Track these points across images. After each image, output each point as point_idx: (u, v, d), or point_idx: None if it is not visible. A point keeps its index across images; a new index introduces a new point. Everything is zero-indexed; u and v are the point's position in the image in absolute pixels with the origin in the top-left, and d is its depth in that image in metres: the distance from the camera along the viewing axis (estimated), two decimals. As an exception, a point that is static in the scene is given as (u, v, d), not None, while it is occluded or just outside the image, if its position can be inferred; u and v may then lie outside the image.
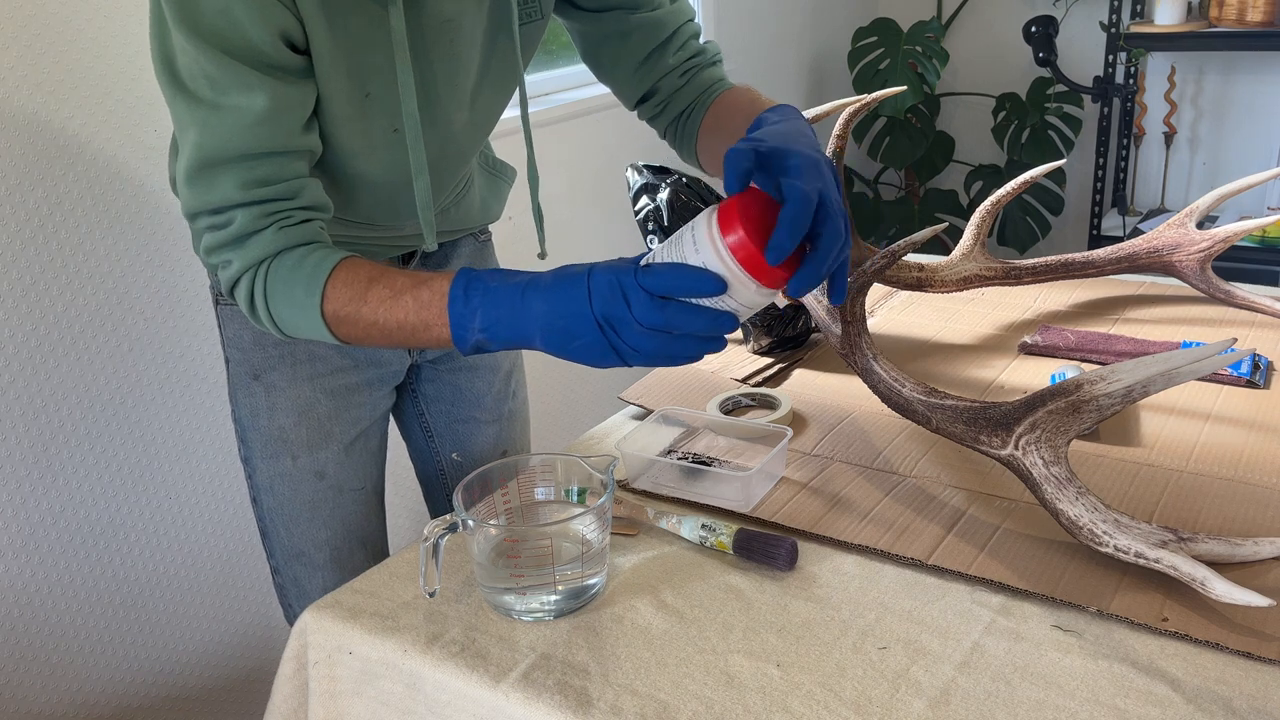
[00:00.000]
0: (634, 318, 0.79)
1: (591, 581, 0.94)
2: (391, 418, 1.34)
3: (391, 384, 1.26)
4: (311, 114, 0.95)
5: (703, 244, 0.78)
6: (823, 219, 0.78)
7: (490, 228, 1.35)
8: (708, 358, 1.45)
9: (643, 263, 0.81)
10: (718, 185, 1.40)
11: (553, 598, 0.92)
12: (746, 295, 0.79)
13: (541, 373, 2.39)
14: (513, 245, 1.95)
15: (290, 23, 0.89)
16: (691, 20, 1.17)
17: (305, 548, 1.22)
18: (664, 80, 1.15)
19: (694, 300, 0.79)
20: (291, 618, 1.26)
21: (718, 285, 0.78)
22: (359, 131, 1.01)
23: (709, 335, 0.81)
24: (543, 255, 1.24)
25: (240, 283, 0.95)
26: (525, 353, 2.31)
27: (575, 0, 1.11)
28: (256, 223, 0.93)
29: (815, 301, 1.25)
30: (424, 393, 1.32)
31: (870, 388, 1.10)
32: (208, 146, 0.90)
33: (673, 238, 0.82)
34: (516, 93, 1.12)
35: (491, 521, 0.98)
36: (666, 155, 2.81)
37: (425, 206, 1.03)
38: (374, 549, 1.27)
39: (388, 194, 1.09)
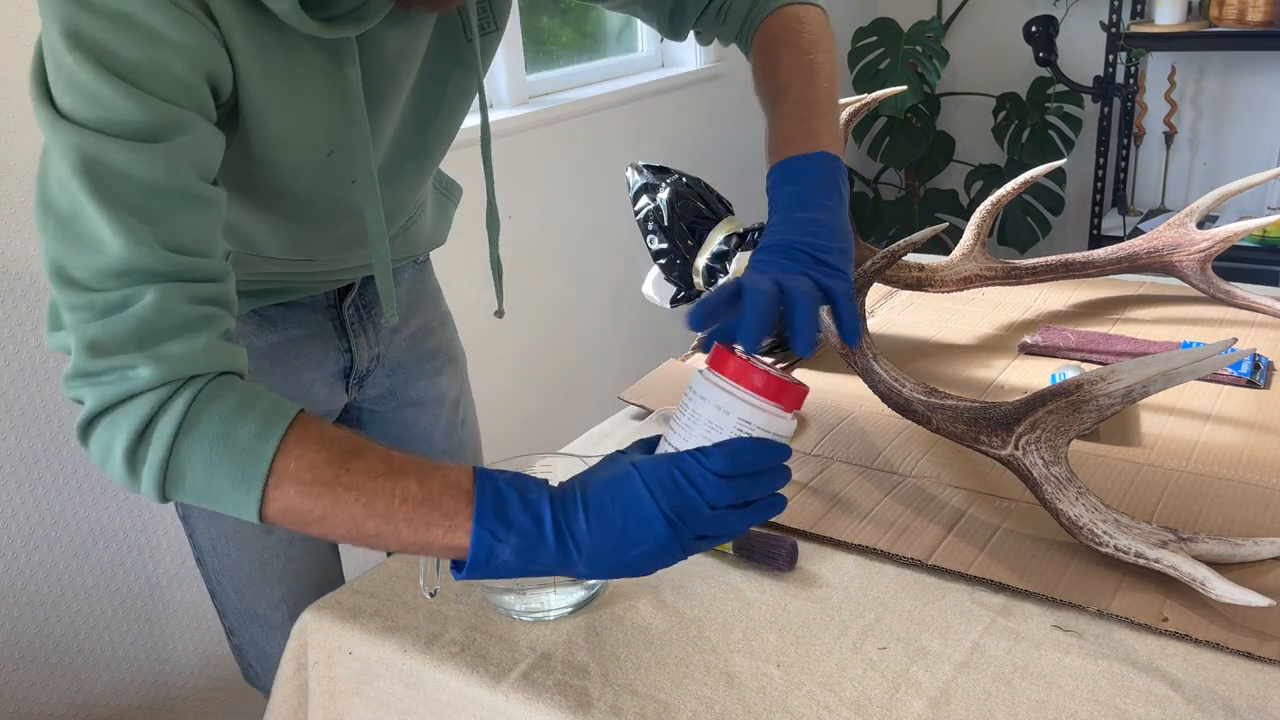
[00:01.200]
0: (706, 502, 0.71)
1: (592, 582, 0.94)
2: None
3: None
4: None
5: (729, 405, 0.75)
6: (788, 301, 0.77)
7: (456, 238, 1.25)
8: (703, 357, 1.45)
9: (663, 449, 0.76)
10: (718, 180, 1.40)
11: (552, 598, 0.92)
12: (787, 427, 0.77)
13: (540, 372, 2.39)
14: (510, 247, 1.95)
15: (221, 67, 0.75)
16: None
17: (260, 609, 1.12)
18: (701, 22, 1.08)
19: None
20: (253, 677, 1.18)
21: (782, 449, 0.74)
22: (311, 182, 0.90)
23: (774, 495, 0.75)
24: (500, 314, 1.13)
25: (139, 401, 0.70)
26: (514, 351, 2.31)
27: None
28: (178, 309, 0.71)
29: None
30: (366, 434, 1.18)
31: (870, 388, 1.10)
32: (103, 175, 0.69)
33: (682, 420, 0.77)
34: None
35: None
36: (666, 155, 2.81)
37: (384, 273, 0.93)
38: None
39: (337, 234, 1.00)
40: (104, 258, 0.70)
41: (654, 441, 0.79)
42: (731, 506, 0.72)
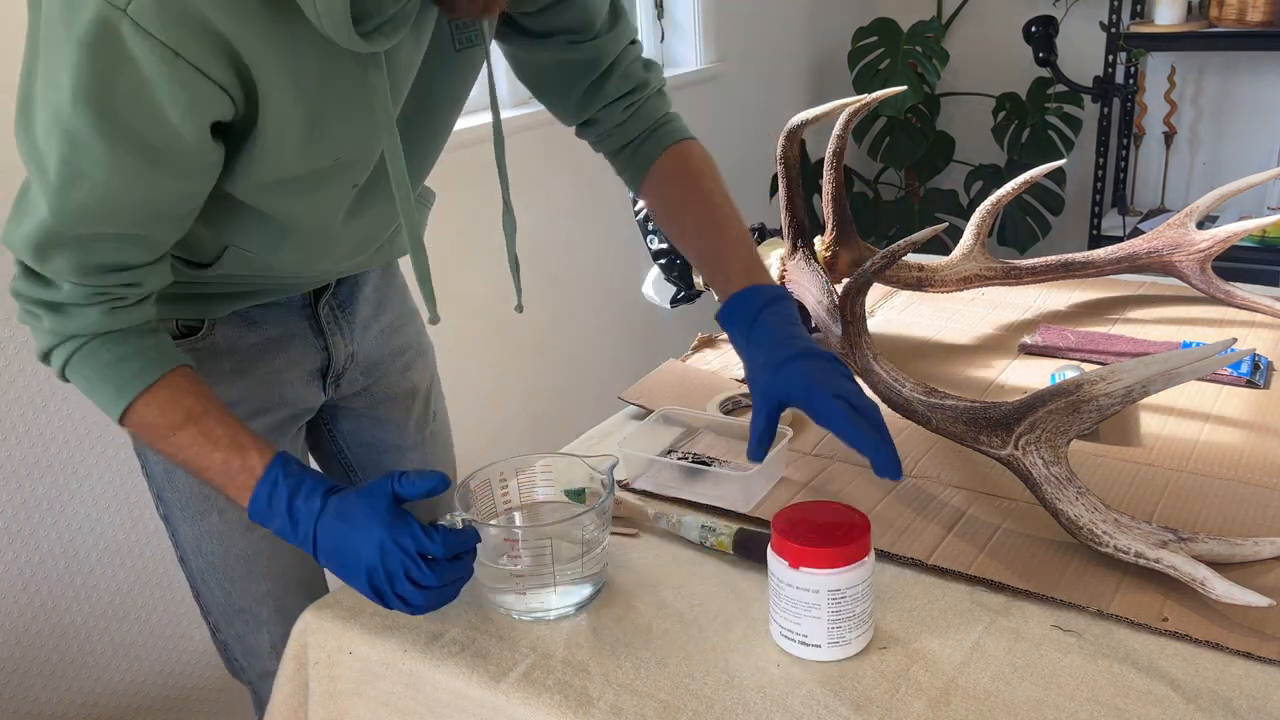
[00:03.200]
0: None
1: (592, 582, 0.94)
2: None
3: (303, 420, 1.16)
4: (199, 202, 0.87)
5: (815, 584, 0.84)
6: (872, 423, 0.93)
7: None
8: (707, 355, 1.45)
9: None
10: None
11: (553, 598, 0.92)
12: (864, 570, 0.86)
13: (540, 372, 2.40)
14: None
15: (225, 109, 0.78)
16: (634, 43, 1.11)
17: (246, 604, 1.13)
18: (604, 112, 1.11)
19: None
20: (239, 672, 1.19)
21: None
22: (315, 196, 0.93)
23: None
24: (519, 309, 1.15)
25: (39, 335, 0.90)
26: (514, 351, 2.31)
27: (521, 25, 1.03)
28: (84, 299, 0.86)
29: (815, 302, 1.25)
30: (341, 430, 1.24)
31: (870, 388, 1.10)
32: (54, 230, 0.81)
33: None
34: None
35: (492, 522, 0.98)
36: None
37: (425, 279, 0.97)
38: (315, 589, 1.16)
39: (326, 245, 1.02)
40: (35, 263, 0.85)
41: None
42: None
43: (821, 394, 0.91)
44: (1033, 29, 3.04)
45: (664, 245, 1.46)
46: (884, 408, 1.10)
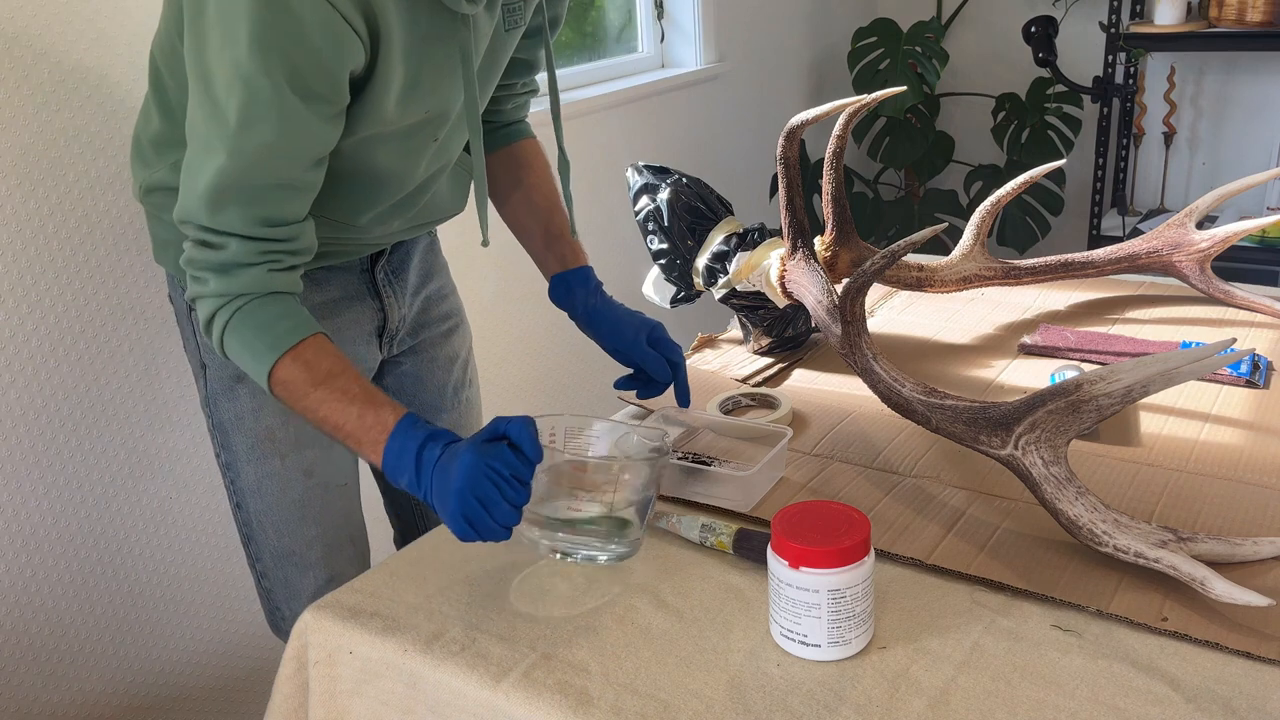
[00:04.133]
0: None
1: (637, 535, 0.97)
2: None
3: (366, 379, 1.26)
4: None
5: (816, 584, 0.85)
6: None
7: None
8: (707, 355, 1.45)
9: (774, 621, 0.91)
10: (718, 180, 1.40)
11: (605, 547, 0.95)
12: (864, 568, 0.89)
13: (541, 372, 2.40)
14: (511, 247, 1.93)
15: (360, 59, 0.91)
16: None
17: (295, 547, 1.21)
18: (505, 100, 1.30)
19: None
20: (279, 620, 1.25)
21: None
22: (403, 147, 1.04)
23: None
24: (573, 232, 1.30)
25: (205, 302, 0.98)
26: (512, 348, 2.31)
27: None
28: (249, 257, 0.95)
29: (815, 302, 1.25)
30: (386, 386, 1.32)
31: (870, 387, 1.10)
32: (232, 174, 0.91)
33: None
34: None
35: (569, 454, 1.00)
36: (666, 155, 2.80)
37: (483, 203, 1.10)
38: (359, 545, 1.26)
39: (399, 200, 1.12)
40: (209, 221, 0.95)
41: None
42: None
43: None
44: (1032, 29, 3.04)
45: (664, 245, 1.46)
46: (884, 408, 1.10)
